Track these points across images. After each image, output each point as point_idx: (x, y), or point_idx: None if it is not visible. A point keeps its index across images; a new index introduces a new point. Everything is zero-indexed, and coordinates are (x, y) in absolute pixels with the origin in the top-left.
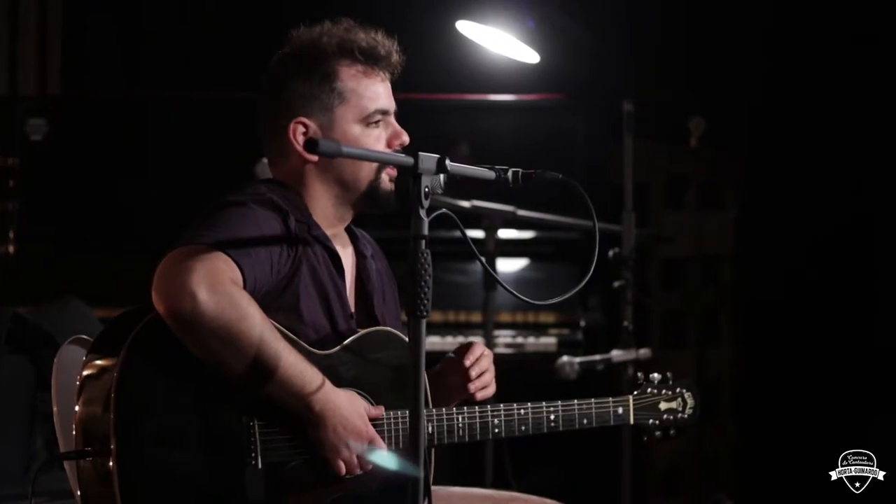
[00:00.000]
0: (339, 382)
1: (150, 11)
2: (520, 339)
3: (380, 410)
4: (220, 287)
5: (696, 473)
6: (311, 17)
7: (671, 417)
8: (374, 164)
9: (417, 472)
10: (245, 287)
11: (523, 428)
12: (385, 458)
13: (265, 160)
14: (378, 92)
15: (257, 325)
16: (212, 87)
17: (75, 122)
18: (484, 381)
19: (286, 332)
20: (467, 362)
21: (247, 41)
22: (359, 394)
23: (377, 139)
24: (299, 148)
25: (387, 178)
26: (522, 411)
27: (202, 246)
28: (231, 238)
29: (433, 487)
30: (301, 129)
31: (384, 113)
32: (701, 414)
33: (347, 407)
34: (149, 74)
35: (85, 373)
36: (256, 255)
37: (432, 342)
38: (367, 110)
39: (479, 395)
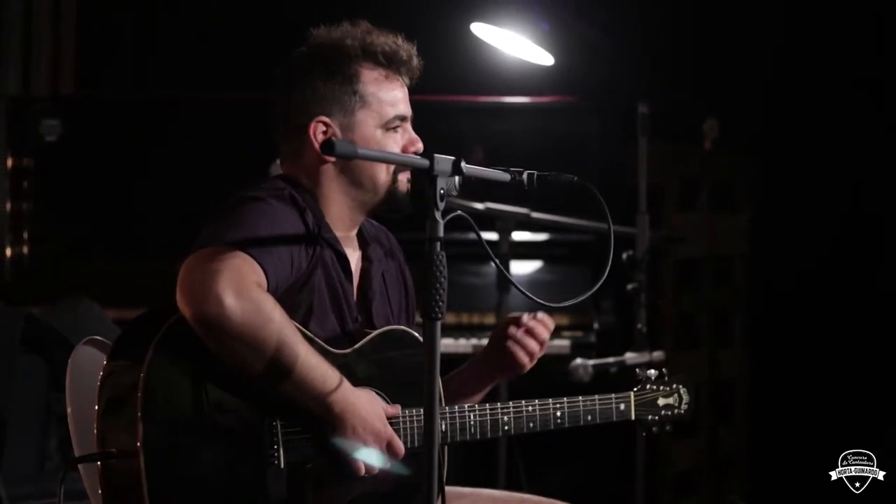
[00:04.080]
0: (355, 381)
1: (164, 12)
2: None
3: (396, 409)
4: (246, 292)
5: (709, 475)
6: (324, 19)
7: (669, 413)
8: (391, 168)
9: (431, 472)
10: (268, 288)
11: (531, 425)
12: (402, 458)
13: (279, 162)
14: (398, 97)
15: (281, 328)
16: (225, 89)
17: (89, 123)
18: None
19: (305, 331)
20: (526, 317)
21: (260, 42)
22: (375, 392)
23: (396, 144)
24: (318, 148)
25: (404, 181)
26: (530, 408)
27: (225, 247)
28: (252, 237)
29: (446, 488)
30: (322, 128)
31: (402, 119)
32: (714, 415)
33: (366, 408)
34: (162, 75)
35: (107, 374)
36: (278, 255)
37: (445, 344)
38: (388, 115)
39: (514, 349)
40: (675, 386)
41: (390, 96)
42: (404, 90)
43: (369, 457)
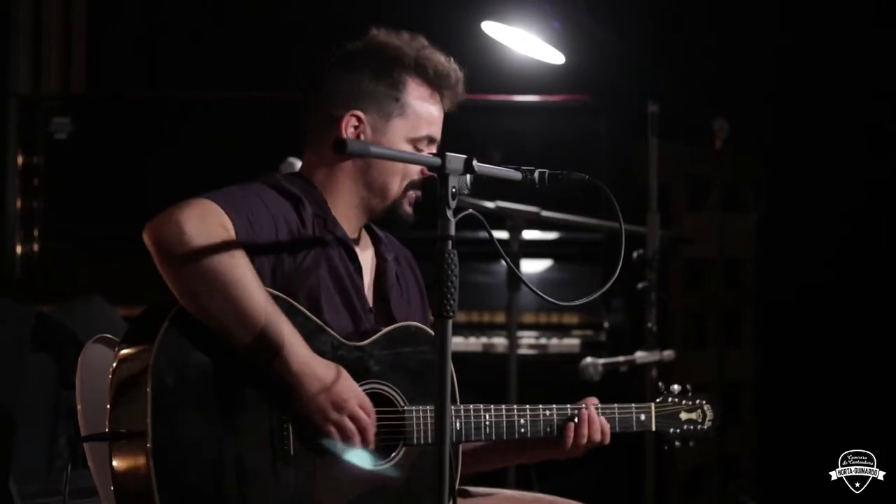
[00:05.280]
0: (368, 375)
1: (174, 11)
2: (543, 341)
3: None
4: (208, 225)
5: (717, 474)
6: (333, 19)
7: (691, 428)
8: (404, 182)
9: (442, 467)
10: (236, 238)
11: (549, 430)
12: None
13: (290, 160)
14: (434, 117)
15: (240, 266)
16: (235, 87)
17: (99, 121)
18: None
19: (320, 323)
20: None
21: (270, 42)
22: (386, 386)
23: None
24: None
25: (408, 203)
26: (548, 412)
27: (199, 198)
28: (233, 200)
29: (459, 487)
30: (354, 122)
31: (431, 140)
32: (723, 415)
33: (326, 373)
34: (172, 74)
35: (117, 363)
36: (253, 215)
37: (456, 342)
38: (420, 132)
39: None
40: (698, 402)
41: (428, 114)
42: (441, 114)
43: (341, 419)
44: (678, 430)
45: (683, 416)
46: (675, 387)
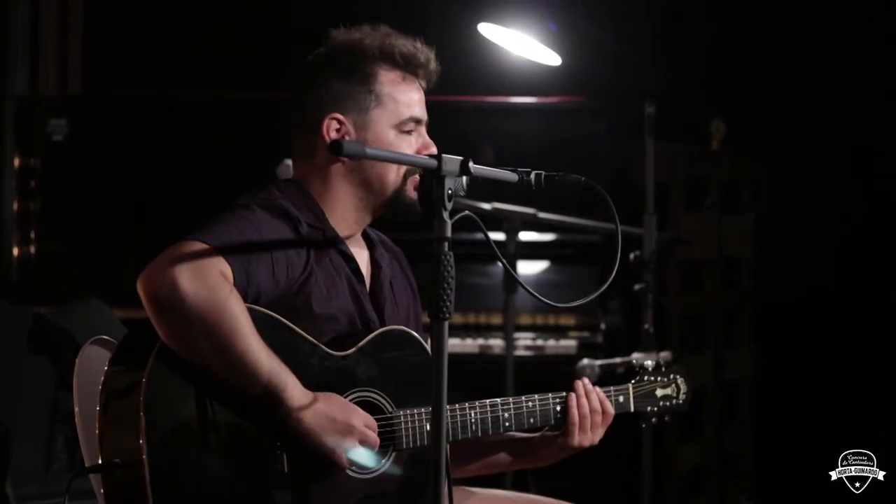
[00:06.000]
0: (354, 384)
1: (170, 12)
2: (540, 342)
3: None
4: (202, 278)
5: (715, 475)
6: (332, 20)
7: (667, 404)
8: (401, 171)
9: (438, 472)
10: (235, 284)
11: (532, 420)
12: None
13: (287, 162)
14: (414, 99)
15: (236, 318)
16: (232, 88)
17: (96, 123)
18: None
19: (303, 333)
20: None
21: (267, 43)
22: (374, 393)
23: (409, 146)
24: (328, 144)
25: (411, 187)
26: (530, 403)
27: (195, 241)
28: (226, 237)
29: (454, 488)
30: (335, 125)
31: (417, 122)
32: (720, 416)
33: (321, 407)
34: (169, 75)
35: (108, 382)
36: (250, 256)
37: (452, 344)
38: (402, 116)
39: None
40: (672, 377)
41: (406, 97)
42: (421, 93)
43: (347, 451)
44: (655, 408)
45: (659, 392)
46: (649, 363)
